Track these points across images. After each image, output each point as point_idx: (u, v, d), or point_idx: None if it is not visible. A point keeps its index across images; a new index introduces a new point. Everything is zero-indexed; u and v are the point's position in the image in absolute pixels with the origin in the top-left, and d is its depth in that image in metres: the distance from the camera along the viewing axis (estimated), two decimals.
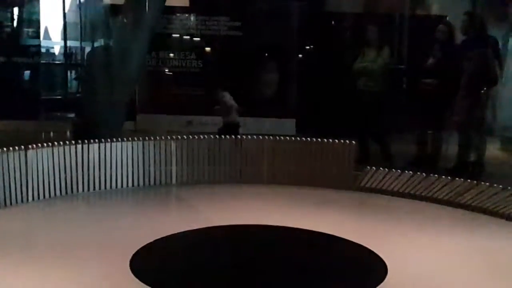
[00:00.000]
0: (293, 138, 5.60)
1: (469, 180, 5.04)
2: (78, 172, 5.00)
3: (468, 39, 6.58)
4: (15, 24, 10.68)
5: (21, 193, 4.65)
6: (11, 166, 4.57)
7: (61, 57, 10.78)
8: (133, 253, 3.52)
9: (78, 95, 9.71)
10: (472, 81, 6.34)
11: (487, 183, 4.92)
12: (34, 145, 4.74)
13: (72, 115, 8.96)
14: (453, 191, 4.96)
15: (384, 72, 7.19)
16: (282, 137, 5.63)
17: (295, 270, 3.46)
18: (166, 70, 9.25)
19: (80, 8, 10.10)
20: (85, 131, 5.87)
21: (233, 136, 5.63)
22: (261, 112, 8.74)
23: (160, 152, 5.35)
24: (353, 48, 7.78)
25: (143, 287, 3.08)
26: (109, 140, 5.17)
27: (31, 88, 10.29)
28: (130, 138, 5.30)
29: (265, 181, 5.51)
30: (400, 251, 3.78)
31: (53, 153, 4.86)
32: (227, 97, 6.77)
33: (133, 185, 5.27)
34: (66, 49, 10.42)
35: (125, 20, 6.40)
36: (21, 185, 4.64)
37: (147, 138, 5.34)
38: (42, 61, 10.37)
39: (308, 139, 5.53)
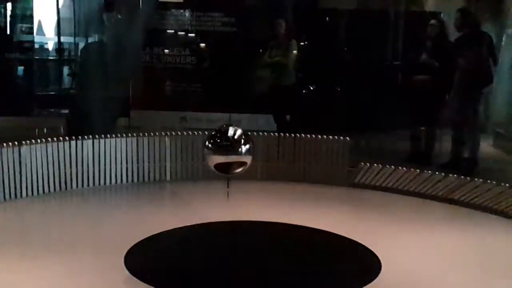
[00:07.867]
0: (287, 134, 5.60)
1: (462, 176, 5.06)
2: (72, 168, 4.98)
3: (462, 36, 6.58)
4: (8, 19, 10.63)
5: (15, 189, 4.63)
6: (5, 162, 4.55)
7: (55, 53, 10.74)
8: (128, 249, 3.51)
9: (72, 91, 9.67)
10: (466, 80, 6.34)
11: (481, 179, 4.94)
12: (28, 141, 4.73)
13: (65, 111, 8.92)
14: (447, 187, 4.98)
15: (294, 66, 7.41)
16: (276, 133, 5.63)
17: (289, 266, 3.46)
18: (160, 66, 9.23)
19: (73, 4, 10.06)
20: (79, 127, 5.86)
21: None
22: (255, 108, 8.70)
23: (154, 148, 5.33)
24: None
25: (137, 284, 3.08)
26: (103, 136, 5.15)
27: (25, 84, 10.24)
28: (124, 134, 5.29)
29: (259, 177, 5.52)
30: (394, 247, 3.79)
31: (46, 149, 4.84)
32: None
33: (127, 181, 5.25)
34: (59, 45, 10.38)
35: (119, 16, 6.39)
36: (14, 181, 4.62)
37: (141, 134, 5.33)
38: (35, 57, 10.34)
39: (302, 135, 5.54)
